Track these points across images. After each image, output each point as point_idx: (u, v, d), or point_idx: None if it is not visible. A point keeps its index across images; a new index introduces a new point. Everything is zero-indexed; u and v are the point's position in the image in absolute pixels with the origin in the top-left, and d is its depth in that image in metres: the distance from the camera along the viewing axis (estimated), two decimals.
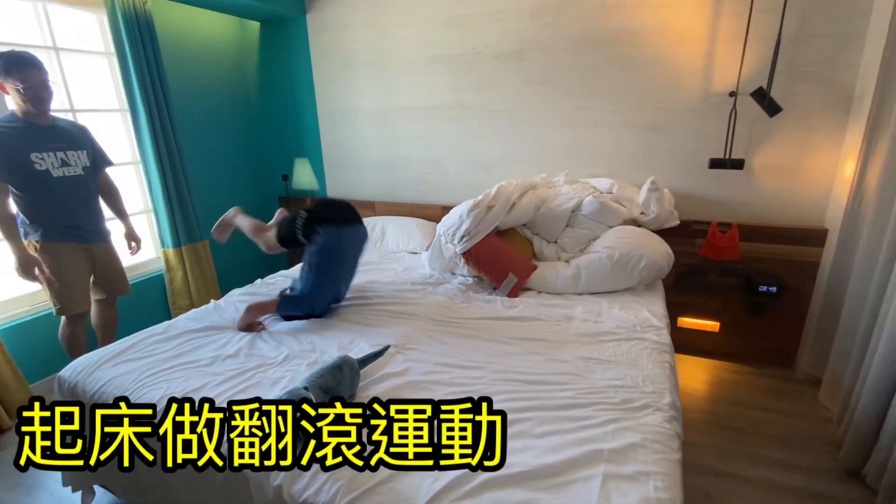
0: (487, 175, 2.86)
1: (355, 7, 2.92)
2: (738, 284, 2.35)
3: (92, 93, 2.60)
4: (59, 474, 1.69)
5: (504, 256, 2.15)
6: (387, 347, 1.56)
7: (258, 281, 2.34)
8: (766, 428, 1.98)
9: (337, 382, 1.26)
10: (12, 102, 1.88)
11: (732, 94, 2.19)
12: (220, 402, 1.33)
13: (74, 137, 2.04)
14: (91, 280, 2.19)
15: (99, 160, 2.17)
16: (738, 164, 2.19)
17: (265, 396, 1.33)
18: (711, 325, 2.49)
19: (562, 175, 2.51)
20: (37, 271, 1.96)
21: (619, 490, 1.02)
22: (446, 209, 2.84)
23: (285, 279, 2.36)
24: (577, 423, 1.22)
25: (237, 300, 2.08)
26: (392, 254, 2.75)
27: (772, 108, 2.05)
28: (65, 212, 2.00)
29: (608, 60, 2.43)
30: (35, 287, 2.33)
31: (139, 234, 2.41)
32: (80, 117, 2.49)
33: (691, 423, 1.99)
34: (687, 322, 2.53)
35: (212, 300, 2.09)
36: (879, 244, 1.78)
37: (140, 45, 2.53)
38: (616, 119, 2.50)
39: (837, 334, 2.04)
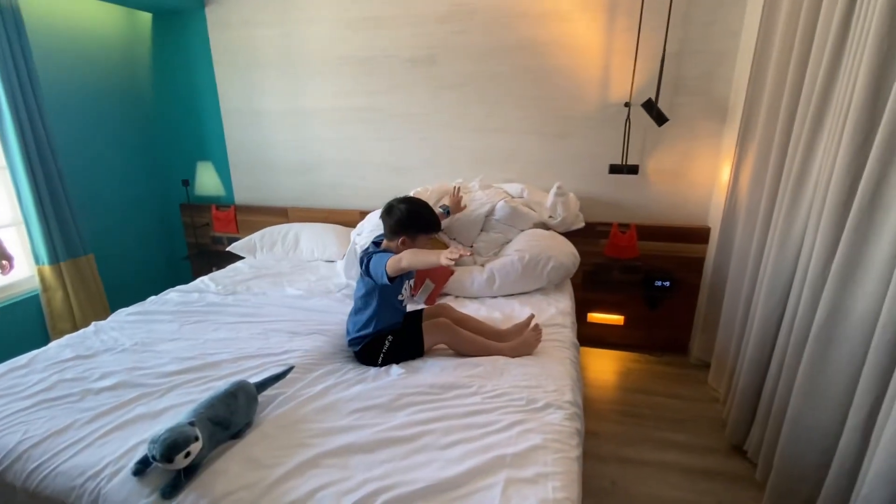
0: (404, 179, 2.83)
1: (260, 2, 2.75)
2: (638, 280, 2.54)
3: None
4: None
5: None
6: (290, 368, 1.47)
7: (150, 299, 2.12)
8: (665, 412, 2.14)
9: (231, 412, 1.16)
10: None
11: (627, 104, 2.35)
12: (89, 441, 1.18)
13: None
14: None
15: None
16: (633, 170, 2.36)
17: (144, 433, 1.20)
18: (616, 319, 2.66)
19: (476, 180, 2.55)
20: None
21: (520, 494, 1.04)
22: (364, 214, 2.77)
23: (181, 294, 2.16)
24: (482, 430, 1.23)
25: (124, 321, 1.87)
26: (306, 263, 2.63)
27: (659, 118, 2.22)
28: None
29: (516, 69, 2.50)
30: None
31: (10, 252, 2.09)
32: None
33: (599, 414, 2.11)
34: (595, 317, 2.68)
35: (92, 323, 1.85)
36: (750, 240, 2.00)
37: (4, 38, 2.19)
38: (524, 126, 2.58)
39: (721, 322, 2.26)
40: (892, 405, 1.10)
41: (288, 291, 2.19)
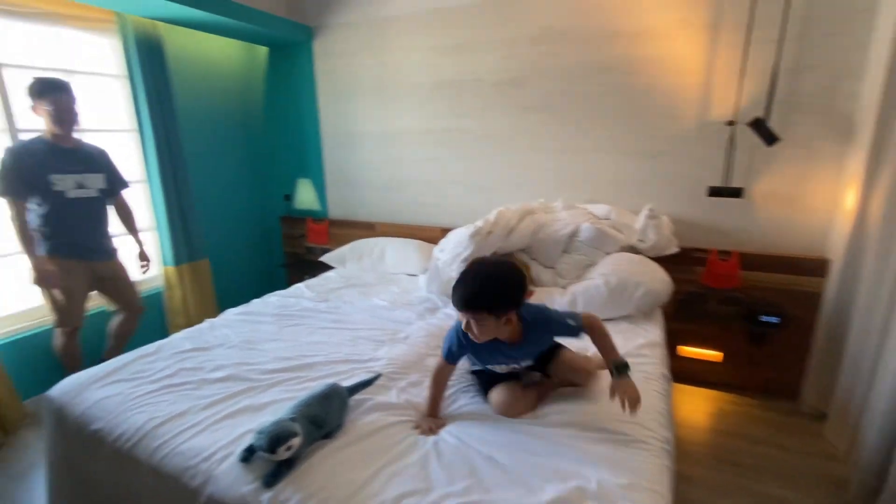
0: (486, 199, 2.87)
1: (360, 35, 2.99)
2: (739, 313, 2.31)
3: (103, 113, 2.65)
4: (45, 496, 1.67)
5: None
6: (378, 376, 1.54)
7: (254, 301, 2.33)
8: (768, 463, 1.91)
9: (325, 413, 1.24)
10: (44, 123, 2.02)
11: (730, 123, 2.20)
12: (204, 426, 1.31)
13: (93, 161, 2.16)
14: (95, 293, 2.27)
15: (115, 183, 2.27)
16: (736, 193, 2.18)
17: (250, 423, 1.31)
18: (713, 355, 2.44)
19: (560, 201, 2.52)
20: (51, 282, 2.02)
21: None
22: (445, 231, 2.84)
23: (280, 298, 2.35)
24: (568, 459, 1.18)
25: (233, 319, 2.07)
26: (391, 275, 2.75)
27: (770, 138, 2.04)
28: (74, 231, 2.09)
29: (605, 88, 2.45)
30: (34, 304, 2.35)
31: (149, 254, 2.46)
32: (90, 137, 2.55)
33: (690, 456, 1.93)
34: (687, 351, 2.48)
35: (206, 319, 2.08)
36: (882, 277, 1.75)
37: (149, 68, 2.60)
38: (613, 146, 2.51)
39: (842, 368, 1.98)
40: None
41: (374, 301, 2.30)
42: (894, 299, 1.64)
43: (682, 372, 2.46)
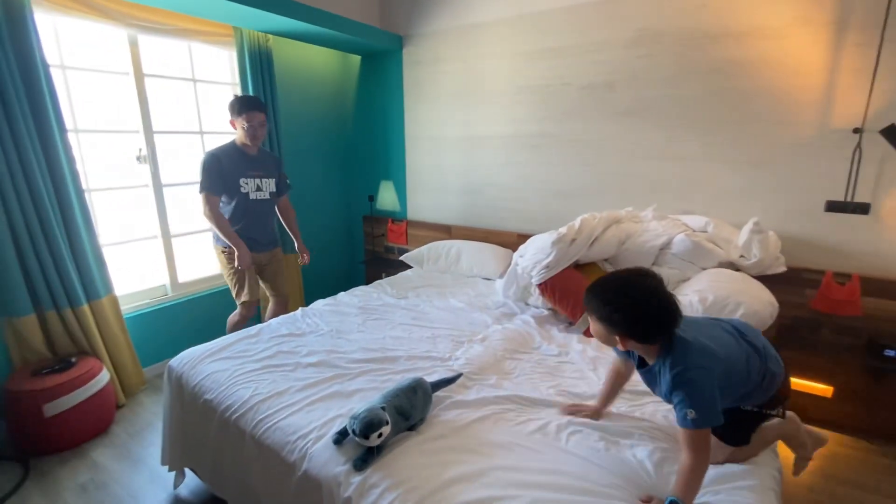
0: (566, 205, 2.81)
1: (447, 42, 3.07)
2: (858, 345, 2.05)
3: (219, 117, 2.96)
4: (158, 453, 1.89)
5: (582, 291, 2.07)
6: (459, 375, 1.56)
7: (340, 294, 2.47)
8: None
9: (411, 405, 1.28)
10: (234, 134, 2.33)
11: (857, 130, 1.96)
12: (300, 406, 1.42)
13: (269, 167, 2.44)
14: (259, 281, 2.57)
15: (282, 187, 2.52)
16: (862, 209, 1.94)
17: (341, 407, 1.39)
18: (822, 389, 2.18)
19: (649, 210, 2.39)
20: (241, 265, 2.28)
21: None
22: (522, 237, 2.82)
23: (364, 292, 2.47)
24: (659, 484, 1.12)
25: (322, 309, 2.21)
26: (466, 278, 2.78)
27: None
28: (251, 226, 2.38)
29: (705, 92, 2.30)
30: (155, 283, 2.68)
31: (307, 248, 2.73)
32: (207, 138, 2.86)
33: (794, 499, 1.74)
34: (793, 383, 2.24)
35: (299, 308, 2.24)
36: None
37: (259, 76, 2.86)
38: (713, 153, 2.34)
39: None
40: None
41: (451, 302, 2.34)
42: None
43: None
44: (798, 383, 2.24)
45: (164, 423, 1.76)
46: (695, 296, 1.93)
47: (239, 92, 2.88)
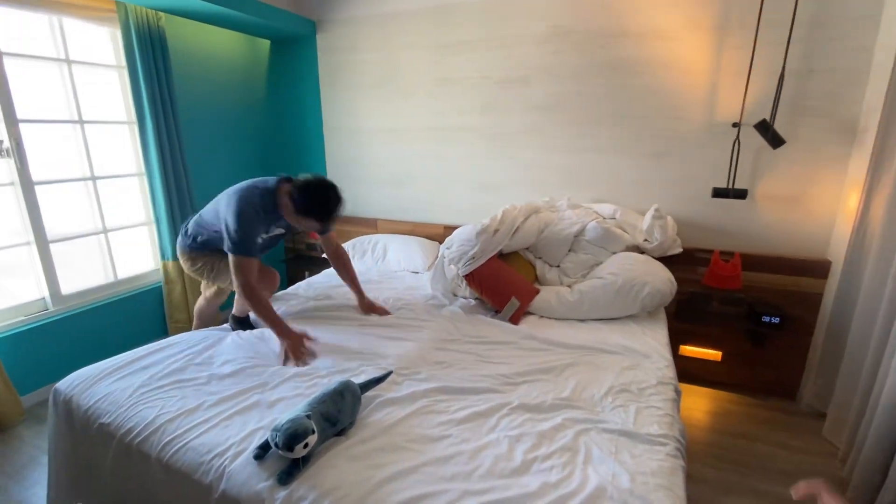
0: (490, 197, 2.87)
1: (364, 30, 2.97)
2: (741, 314, 2.34)
3: (100, 104, 2.61)
4: (44, 493, 1.65)
5: (507, 280, 2.14)
6: (389, 373, 1.53)
7: None
8: (770, 462, 1.94)
9: (338, 410, 1.23)
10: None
11: (736, 124, 2.21)
12: (216, 422, 1.30)
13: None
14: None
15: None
16: (741, 194, 2.20)
17: (262, 420, 1.30)
18: (713, 355, 2.46)
19: (565, 199, 2.52)
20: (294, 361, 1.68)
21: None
22: (449, 229, 2.84)
23: (288, 294, 2.34)
24: (582, 456, 1.19)
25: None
26: (393, 273, 2.74)
27: (775, 141, 2.06)
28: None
29: (611, 88, 2.46)
30: (31, 297, 2.32)
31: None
32: (89, 129, 2.51)
33: (694, 456, 1.95)
34: (689, 350, 2.50)
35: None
36: (884, 279, 1.77)
37: (151, 59, 2.56)
38: (620, 145, 2.52)
39: (842, 369, 2.01)
40: None
41: (379, 298, 2.28)
42: (895, 301, 1.67)
43: (684, 371, 2.48)
44: (694, 350, 2.51)
45: (50, 456, 1.54)
46: (608, 278, 2.07)
47: (126, 76, 2.55)
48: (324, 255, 3.03)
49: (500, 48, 2.65)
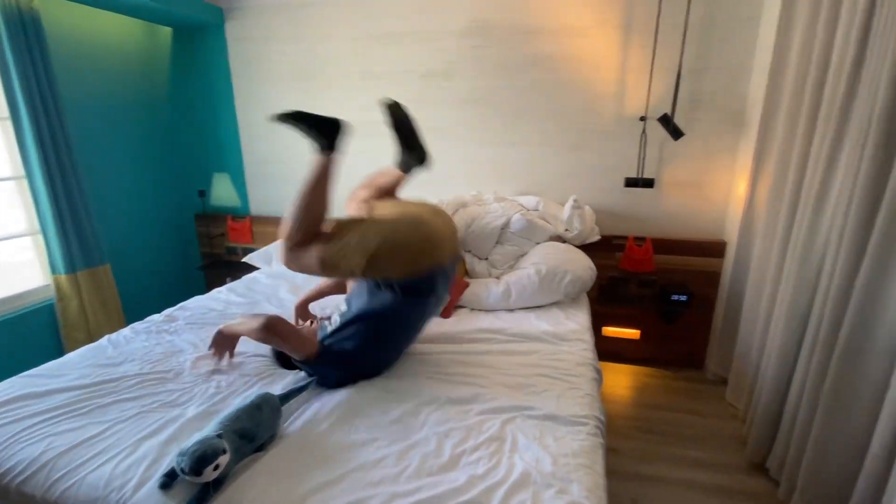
0: (420, 192, 2.83)
1: (280, 19, 2.81)
2: (654, 294, 2.52)
3: None
4: None
5: None
6: (314, 379, 1.47)
7: (168, 310, 2.11)
8: (683, 429, 2.11)
9: (255, 424, 1.16)
10: None
11: (642, 118, 2.37)
12: (116, 451, 1.17)
13: None
14: None
15: None
16: (648, 183, 2.37)
17: (168, 445, 1.19)
18: (632, 333, 2.64)
19: (491, 193, 2.57)
20: None
21: None
22: None
23: (199, 304, 2.16)
24: (508, 443, 1.21)
25: (142, 330, 1.87)
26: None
27: (675, 133, 2.23)
28: None
29: (532, 83, 2.53)
30: None
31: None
32: None
33: (617, 430, 2.08)
34: (611, 331, 2.66)
35: (105, 336, 1.84)
36: (769, 254, 1.99)
37: (23, 46, 2.24)
38: (540, 139, 2.60)
39: (738, 337, 2.24)
40: None
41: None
42: (778, 275, 1.88)
43: (607, 351, 2.63)
44: (615, 331, 2.67)
45: None
46: (532, 268, 2.14)
47: None
48: (244, 260, 2.86)
49: (424, 42, 2.63)
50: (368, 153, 2.89)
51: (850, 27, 1.48)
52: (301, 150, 3.01)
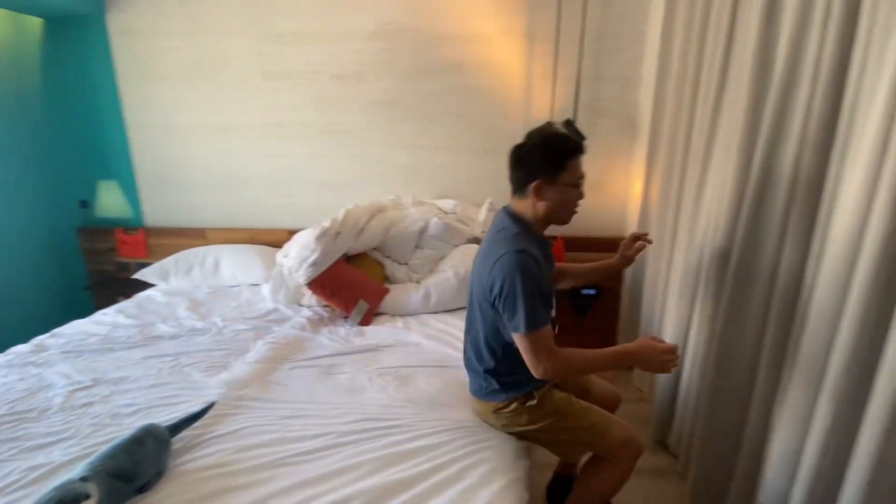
0: (334, 196, 2.76)
1: (171, 12, 2.57)
2: (567, 290, 2.65)
3: None
4: None
5: (354, 282, 2.07)
6: (211, 405, 1.34)
7: (38, 338, 1.83)
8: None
9: (134, 462, 1.02)
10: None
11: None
12: None
13: None
14: None
15: None
16: None
17: (32, 494, 1.02)
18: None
19: (409, 197, 2.55)
20: None
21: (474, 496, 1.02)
22: (293, 233, 2.65)
23: (79, 329, 1.90)
24: (430, 455, 1.19)
25: (5, 364, 1.60)
26: (228, 288, 2.44)
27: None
28: None
29: (444, 87, 2.55)
30: None
31: None
32: None
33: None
34: None
35: None
36: (662, 245, 2.17)
37: None
38: (455, 143, 2.63)
39: (641, 326, 2.42)
40: (783, 397, 1.22)
41: (210, 320, 2.02)
42: (669, 262, 2.05)
43: None
44: None
45: None
46: (450, 271, 2.15)
47: None
48: (135, 276, 2.58)
49: (332, 42, 2.55)
50: (278, 156, 2.76)
51: (717, 42, 1.65)
52: (202, 154, 2.79)
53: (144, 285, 2.56)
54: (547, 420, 1.28)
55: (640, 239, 1.55)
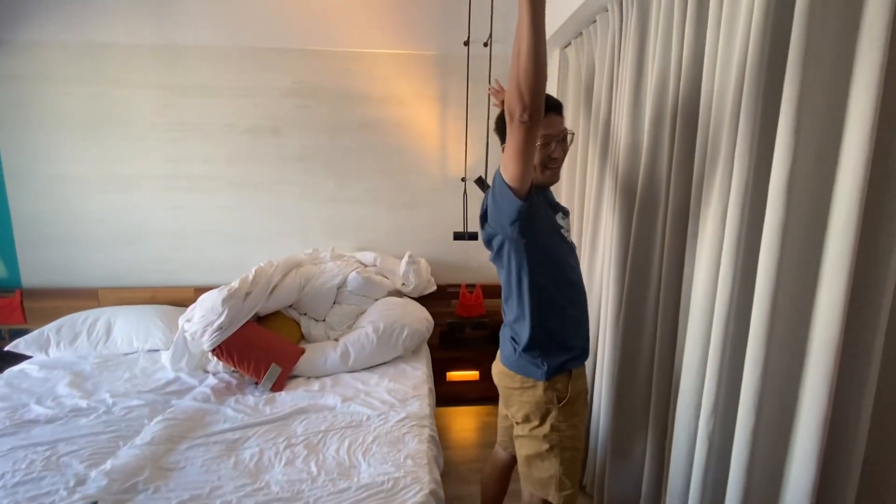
0: (248, 250, 2.66)
1: (66, 58, 2.41)
2: (487, 335, 2.74)
3: None
4: None
5: (265, 345, 1.98)
6: (94, 503, 1.19)
7: None
8: None
9: None
10: None
11: (463, 179, 2.63)
12: None
13: None
14: None
15: None
16: (473, 236, 2.61)
17: None
18: (472, 375, 2.80)
19: (328, 250, 2.53)
20: None
21: None
22: (201, 290, 2.48)
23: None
24: None
25: None
26: (121, 357, 2.21)
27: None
28: None
29: (362, 144, 2.62)
30: None
31: None
32: None
33: (461, 476, 2.14)
34: (454, 376, 2.79)
35: None
36: None
37: None
38: (374, 197, 2.69)
39: None
40: (674, 436, 1.36)
41: (96, 397, 1.80)
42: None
43: (451, 395, 2.74)
44: (458, 375, 2.80)
45: None
46: (369, 327, 2.14)
47: None
48: (7, 348, 2.25)
49: (245, 97, 2.53)
50: (187, 209, 2.63)
51: (599, 98, 1.87)
52: (94, 207, 2.57)
53: (18, 358, 2.24)
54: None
55: None
